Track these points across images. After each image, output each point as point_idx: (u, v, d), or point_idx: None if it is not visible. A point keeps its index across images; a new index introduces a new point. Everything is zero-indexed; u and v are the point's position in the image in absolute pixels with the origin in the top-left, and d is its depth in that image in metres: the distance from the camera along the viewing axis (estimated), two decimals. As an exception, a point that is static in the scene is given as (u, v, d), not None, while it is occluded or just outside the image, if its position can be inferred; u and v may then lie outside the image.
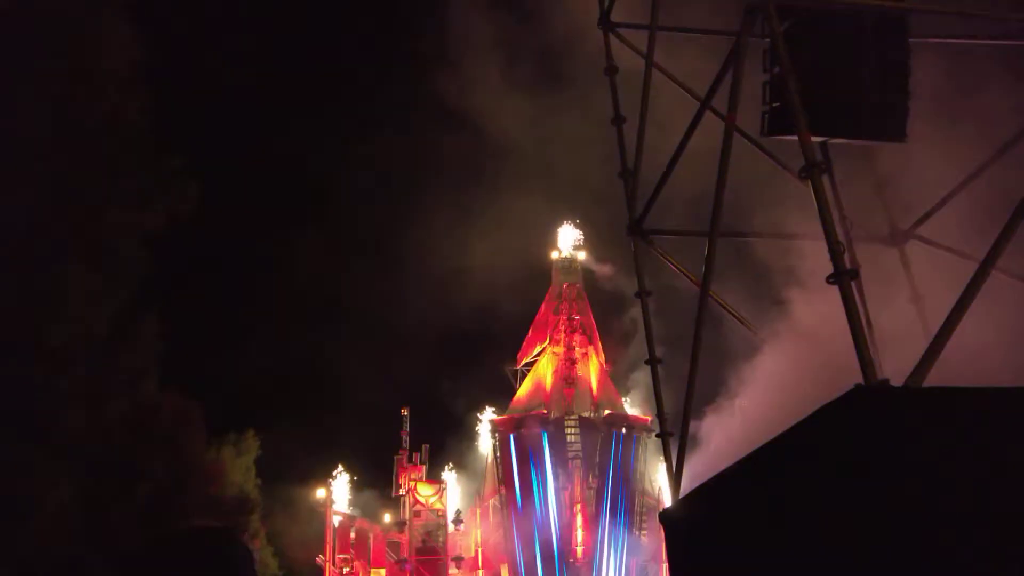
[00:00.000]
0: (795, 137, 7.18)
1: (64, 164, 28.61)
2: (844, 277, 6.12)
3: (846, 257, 6.80)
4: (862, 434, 5.54)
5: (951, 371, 5.96)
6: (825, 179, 7.33)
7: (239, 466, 37.47)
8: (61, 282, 28.45)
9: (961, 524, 5.23)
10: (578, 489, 41.17)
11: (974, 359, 6.69)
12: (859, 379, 5.74)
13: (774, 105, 7.82)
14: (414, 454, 44.66)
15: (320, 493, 43.73)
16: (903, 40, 8.21)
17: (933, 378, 5.85)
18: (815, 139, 7.21)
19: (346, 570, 43.11)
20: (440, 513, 43.42)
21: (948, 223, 9.46)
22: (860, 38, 8.06)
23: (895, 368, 6.03)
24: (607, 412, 43.13)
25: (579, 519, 41.17)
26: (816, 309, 7.84)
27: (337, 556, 42.39)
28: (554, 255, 46.24)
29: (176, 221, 32.34)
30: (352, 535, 43.30)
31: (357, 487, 45.78)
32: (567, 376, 43.33)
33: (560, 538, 40.72)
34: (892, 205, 10.11)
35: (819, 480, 5.86)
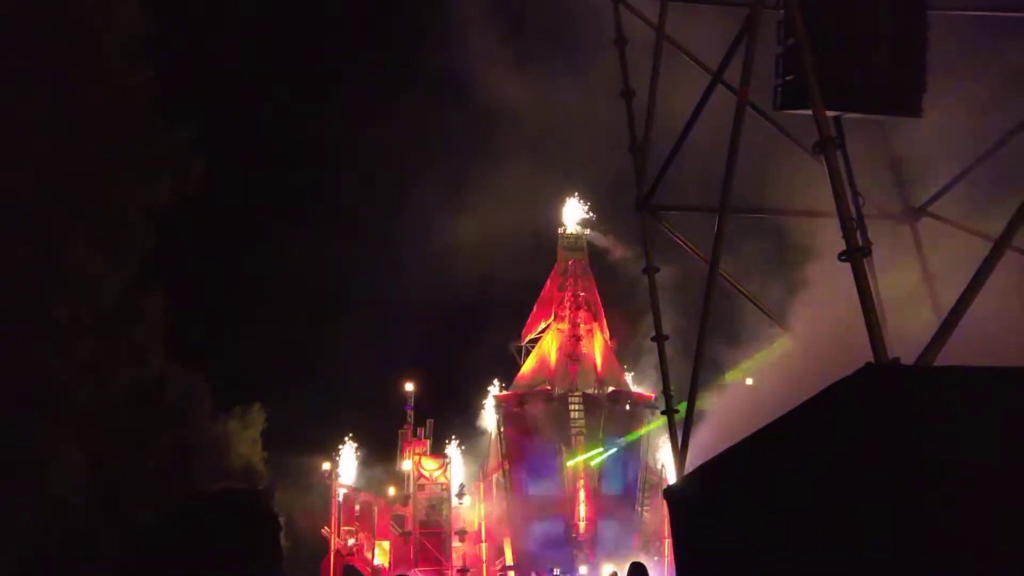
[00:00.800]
0: (808, 111, 7.04)
1: (68, 137, 28.54)
2: (856, 254, 6.01)
3: (858, 234, 6.70)
4: (872, 412, 5.46)
5: (963, 351, 5.87)
6: (838, 155, 7.19)
7: (245, 439, 37.74)
8: (66, 256, 28.48)
9: (971, 505, 5.16)
10: (581, 465, 41.34)
11: (987, 339, 6.59)
12: (870, 357, 5.64)
13: (787, 78, 7.66)
14: (418, 429, 44.89)
15: (326, 466, 44.04)
16: (921, 12, 8.03)
17: (944, 358, 5.76)
18: (829, 114, 7.06)
19: (351, 542, 43.44)
20: (444, 487, 43.69)
21: (962, 200, 9.33)
22: (876, 10, 7.89)
23: (907, 348, 5.92)
24: (611, 389, 43.22)
25: (582, 494, 41.35)
26: (828, 287, 7.73)
27: (342, 528, 42.72)
28: (559, 231, 46.12)
29: (181, 196, 32.33)
30: (357, 508, 43.60)
31: (362, 461, 46.08)
32: (571, 353, 43.39)
33: (563, 513, 40.95)
34: (905, 182, 9.97)
35: (827, 458, 5.79)
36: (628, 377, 45.35)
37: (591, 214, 45.89)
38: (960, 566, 4.99)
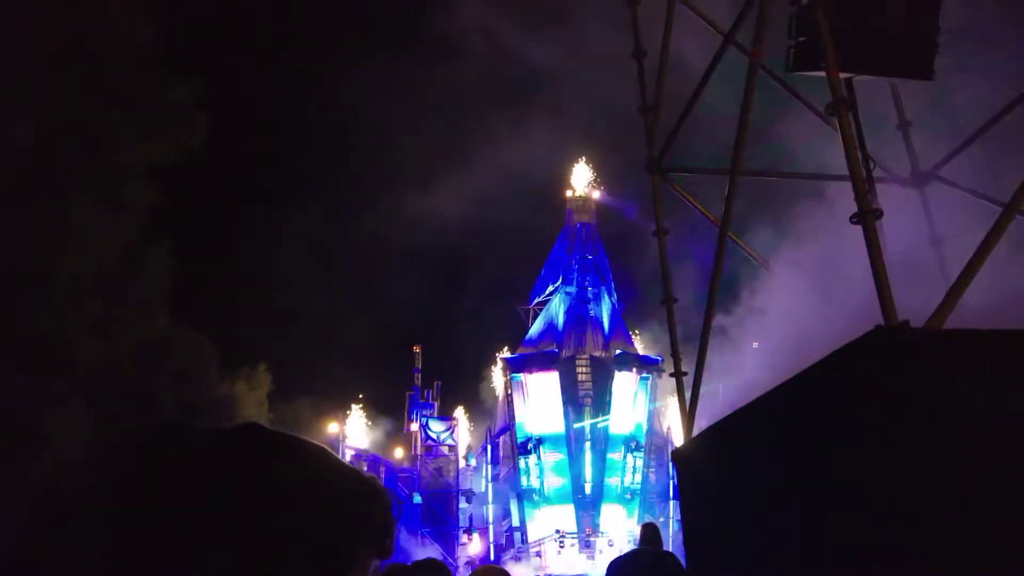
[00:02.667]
0: (821, 73, 6.98)
1: (69, 93, 28.38)
2: (868, 217, 6.00)
3: (869, 197, 6.68)
4: (881, 375, 5.49)
5: (972, 315, 5.88)
6: (850, 117, 7.14)
7: (252, 400, 38.02)
8: (69, 214, 28.46)
9: (980, 470, 5.20)
10: (588, 427, 41.61)
11: (995, 303, 6.60)
12: (879, 320, 5.66)
13: (800, 39, 7.59)
14: (426, 391, 45.16)
15: (333, 428, 44.42)
16: (935, -27, 7.93)
17: (954, 322, 5.77)
18: (841, 76, 7.01)
19: (358, 503, 43.81)
20: (451, 448, 44.07)
21: (971, 165, 9.28)
22: (890, -30, 7.79)
23: (917, 313, 5.93)
24: (618, 351, 43.31)
25: (587, 456, 41.65)
26: (838, 249, 7.72)
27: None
28: (568, 194, 45.98)
29: (185, 153, 32.22)
30: (364, 468, 44.00)
31: (370, 422, 46.45)
32: (579, 315, 43.45)
33: (571, 475, 41.28)
34: (915, 145, 9.91)
35: (835, 422, 5.83)
36: (635, 337, 45.49)
37: (598, 177, 45.64)
38: (967, 531, 5.05)
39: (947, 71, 8.23)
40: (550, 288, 45.88)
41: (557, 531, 39.93)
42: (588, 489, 40.97)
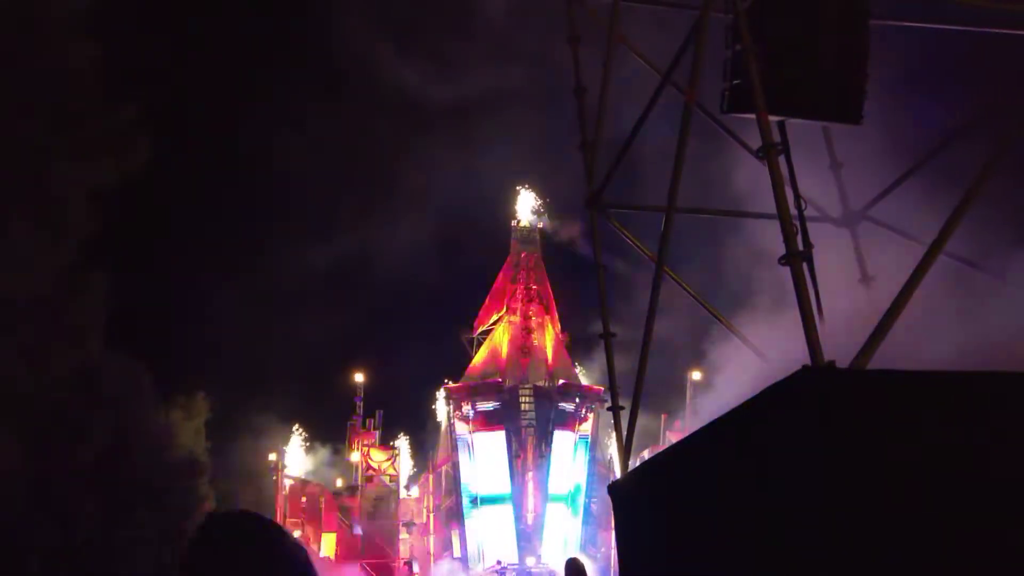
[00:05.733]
0: (754, 115, 7.17)
1: (7, 114, 27.71)
2: (796, 258, 6.15)
3: (799, 238, 6.84)
4: (806, 415, 5.59)
5: (898, 354, 6.04)
6: (781, 159, 7.33)
7: (188, 429, 37.15)
8: (3, 236, 27.68)
9: (902, 508, 5.31)
10: (530, 457, 41.51)
11: (920, 343, 6.79)
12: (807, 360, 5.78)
13: (735, 82, 7.78)
14: (367, 419, 44.62)
15: (272, 457, 43.58)
16: (864, 22, 8.21)
17: (880, 361, 5.91)
18: (773, 118, 7.20)
19: (297, 534, 42.98)
20: (392, 479, 43.53)
21: (900, 206, 9.58)
22: (821, 19, 8.04)
23: (845, 351, 6.07)
24: (561, 382, 43.37)
25: (530, 487, 41.51)
26: (774, 288, 7.89)
27: (288, 520, 42.25)
28: (512, 223, 46.14)
29: (125, 176, 31.61)
30: (303, 499, 43.21)
31: (309, 452, 45.70)
32: (523, 345, 43.47)
33: (514, 505, 41.06)
34: (845, 186, 10.20)
35: (762, 460, 5.92)
36: (578, 370, 45.64)
37: (541, 205, 45.91)
38: (890, 568, 5.14)
39: (875, 115, 8.51)
40: (494, 317, 45.87)
41: (498, 562, 39.66)
42: (530, 519, 40.79)
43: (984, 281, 8.59)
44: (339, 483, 44.75)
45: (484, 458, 41.36)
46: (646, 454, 27.97)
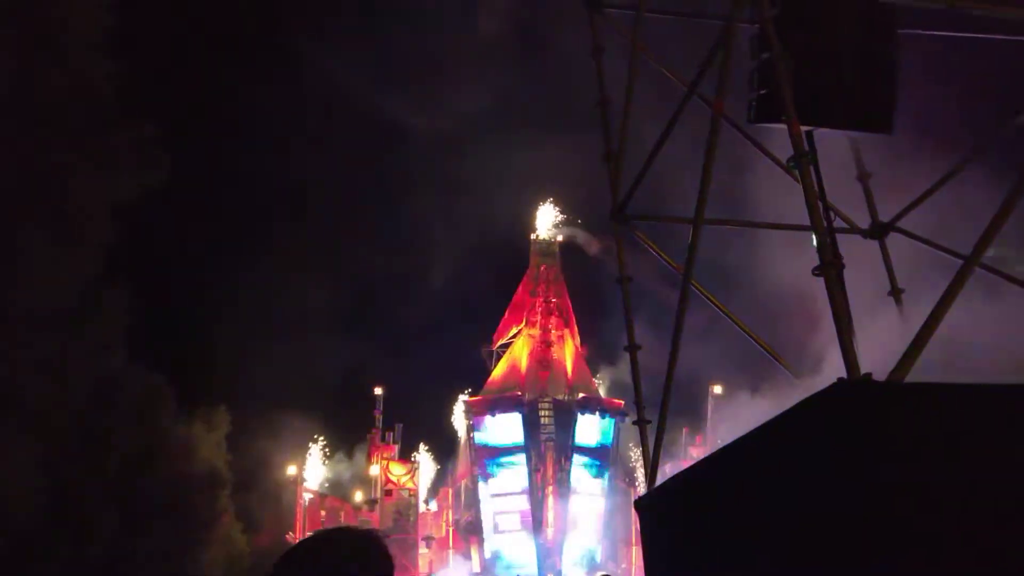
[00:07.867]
0: (782, 125, 7.09)
1: (29, 131, 27.99)
2: (830, 269, 6.05)
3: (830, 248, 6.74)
4: (843, 428, 5.49)
5: (933, 367, 5.93)
6: (811, 169, 7.24)
7: (209, 442, 37.20)
8: (26, 251, 27.90)
9: (938, 520, 5.20)
10: (551, 471, 41.30)
11: (955, 356, 6.66)
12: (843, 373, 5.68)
13: (761, 92, 7.71)
14: (387, 433, 44.59)
15: (291, 471, 43.59)
16: (892, 31, 8.12)
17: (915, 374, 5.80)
18: (802, 128, 7.11)
19: (315, 547, 42.81)
20: (412, 492, 43.44)
21: (930, 217, 9.44)
22: (848, 28, 7.97)
23: (876, 363, 5.96)
24: (581, 395, 43.19)
25: (550, 500, 41.29)
26: (804, 299, 7.78)
27: (307, 534, 42.13)
28: (532, 236, 46.12)
29: (146, 191, 31.85)
30: (323, 513, 43.17)
31: (329, 465, 45.69)
32: (542, 359, 43.34)
33: (532, 519, 40.85)
34: (875, 197, 10.06)
35: (797, 473, 5.81)
36: (598, 383, 45.47)
37: (561, 216, 45.91)
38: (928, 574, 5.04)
39: (906, 126, 8.41)
40: (513, 330, 45.78)
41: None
42: (550, 534, 40.55)
43: (1020, 292, 8.45)
44: (358, 497, 44.67)
45: (502, 475, 41.23)
46: (668, 468, 27.75)
